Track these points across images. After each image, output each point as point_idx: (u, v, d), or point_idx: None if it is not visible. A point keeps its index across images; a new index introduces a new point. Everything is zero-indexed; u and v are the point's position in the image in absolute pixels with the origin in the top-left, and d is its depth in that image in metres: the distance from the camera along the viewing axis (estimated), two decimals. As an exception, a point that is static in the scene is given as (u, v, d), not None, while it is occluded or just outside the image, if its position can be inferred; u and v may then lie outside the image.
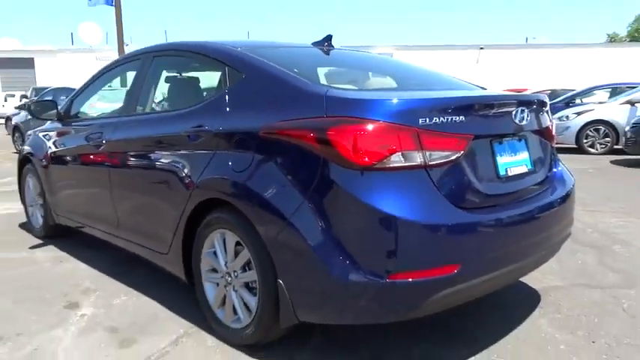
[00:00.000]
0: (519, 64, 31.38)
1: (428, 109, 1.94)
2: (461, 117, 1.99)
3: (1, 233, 4.42)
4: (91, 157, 3.28)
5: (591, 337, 2.39)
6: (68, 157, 3.61)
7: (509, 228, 2.10)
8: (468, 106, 2.07)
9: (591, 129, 10.12)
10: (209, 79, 2.95)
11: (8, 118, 17.67)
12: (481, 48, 32.63)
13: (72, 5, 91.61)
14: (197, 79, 2.95)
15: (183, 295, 2.88)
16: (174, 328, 2.54)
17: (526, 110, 2.28)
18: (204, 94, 2.76)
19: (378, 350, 2.30)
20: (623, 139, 8.79)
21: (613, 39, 45.29)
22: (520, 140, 2.32)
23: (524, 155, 2.32)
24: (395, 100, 1.95)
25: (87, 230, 3.64)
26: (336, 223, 1.89)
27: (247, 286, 2.28)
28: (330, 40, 2.99)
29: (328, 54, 2.98)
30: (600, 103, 11.07)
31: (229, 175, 2.23)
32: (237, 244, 2.28)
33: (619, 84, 12.79)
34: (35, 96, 19.09)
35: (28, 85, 27.87)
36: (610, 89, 12.62)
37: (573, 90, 13.99)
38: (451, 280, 1.89)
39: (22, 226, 4.64)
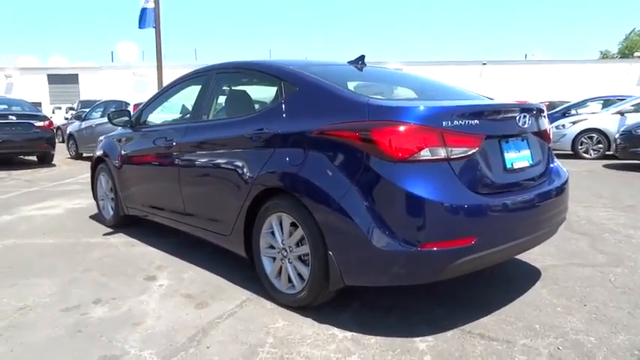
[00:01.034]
0: (519, 79, 31.45)
1: (449, 113, 2.25)
2: (475, 120, 2.30)
3: (77, 223, 4.80)
4: (162, 156, 3.63)
5: (583, 302, 2.66)
6: (140, 157, 3.97)
7: (514, 210, 2.39)
8: (481, 112, 2.39)
9: (585, 136, 10.30)
10: (261, 91, 3.29)
11: (58, 128, 18.33)
12: (484, 63, 32.74)
13: (112, 25, 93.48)
14: (255, 92, 3.28)
15: (239, 270, 3.20)
16: (237, 295, 2.86)
17: (527, 115, 2.57)
18: (263, 103, 3.09)
19: (407, 311, 2.59)
20: (614, 145, 8.97)
21: (605, 55, 45.02)
22: (523, 140, 2.61)
23: (526, 152, 2.61)
24: (422, 107, 2.26)
25: (153, 218, 3.99)
26: (377, 204, 2.20)
27: (300, 258, 2.59)
28: (363, 59, 3.31)
29: (361, 70, 3.29)
30: (593, 113, 11.22)
31: (287, 169, 2.55)
32: (292, 224, 2.60)
33: (610, 96, 12.95)
34: (81, 108, 19.73)
35: (73, 98, 28.68)
36: (602, 101, 12.76)
37: (569, 102, 14.14)
38: (468, 250, 2.19)
39: (92, 217, 5.01)
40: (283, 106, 2.73)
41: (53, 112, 27.90)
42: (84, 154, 11.57)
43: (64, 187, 7.23)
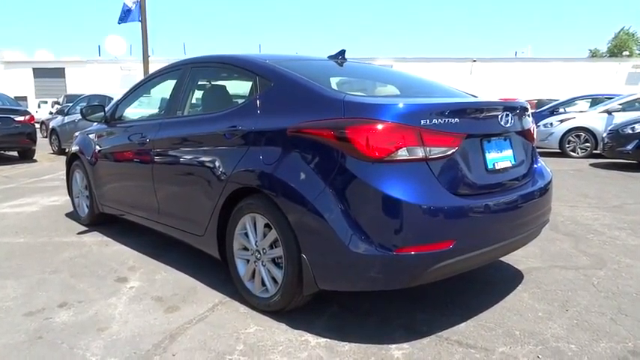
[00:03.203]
0: (509, 76, 31.54)
1: (428, 111, 2.16)
2: (455, 119, 2.21)
3: (52, 221, 4.65)
4: (136, 153, 3.50)
5: (565, 306, 2.59)
6: (114, 154, 3.84)
7: (495, 212, 2.31)
8: (461, 110, 2.29)
9: (573, 135, 10.30)
10: (237, 86, 3.18)
11: (42, 123, 18.02)
12: (474, 60, 32.78)
13: (99, 19, 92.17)
14: (231, 86, 3.16)
15: (214, 272, 3.10)
16: (210, 298, 2.75)
17: (510, 114, 2.49)
18: (237, 99, 2.97)
19: (386, 316, 2.51)
20: (601, 144, 8.96)
21: (594, 54, 45.34)
22: (505, 139, 2.53)
23: (508, 152, 2.53)
24: (400, 104, 2.17)
25: (128, 217, 3.86)
26: (352, 206, 2.10)
27: (274, 261, 2.49)
28: (344, 54, 3.21)
29: (342, 66, 3.19)
30: (581, 111, 11.22)
31: (260, 167, 2.45)
32: (266, 225, 2.49)
33: (598, 95, 12.96)
34: (67, 102, 19.41)
35: (59, 92, 28.26)
36: (590, 99, 12.77)
37: (557, 100, 14.16)
38: (447, 254, 2.10)
39: (69, 215, 4.87)
40: (258, 102, 2.62)
41: (39, 107, 27.50)
42: (66, 150, 11.33)
43: (43, 184, 7.06)
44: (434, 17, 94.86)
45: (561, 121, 10.52)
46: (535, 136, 2.84)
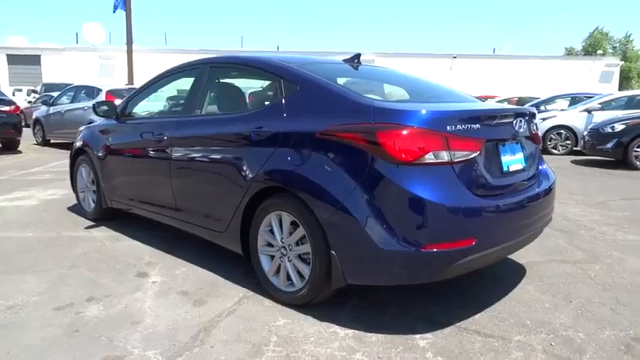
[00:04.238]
0: (488, 73, 32.05)
1: (453, 118, 2.31)
2: (477, 125, 2.37)
3: (55, 215, 4.66)
4: (151, 150, 3.56)
5: (568, 298, 2.80)
6: (126, 150, 3.89)
7: (510, 211, 2.49)
8: (482, 116, 2.46)
9: (554, 133, 10.67)
10: (256, 88, 3.27)
11: (21, 112, 17.56)
12: (454, 57, 33.22)
13: (77, 5, 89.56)
14: (253, 87, 3.25)
15: (232, 266, 3.20)
16: (233, 293, 2.86)
17: (522, 120, 2.66)
18: (261, 101, 3.06)
19: (403, 308, 2.66)
20: (582, 142, 9.33)
21: (570, 52, 46.47)
22: (517, 143, 2.70)
23: (520, 155, 2.70)
24: (428, 111, 2.31)
25: (138, 212, 3.92)
26: (382, 206, 2.24)
27: (300, 257, 2.62)
28: (359, 57, 3.33)
29: (357, 69, 3.31)
30: (562, 110, 11.62)
31: (289, 168, 2.56)
32: (292, 223, 2.61)
33: (577, 94, 13.42)
34: (45, 91, 18.99)
35: (35, 80, 27.52)
36: (570, 98, 13.21)
37: (538, 98, 14.57)
38: (469, 250, 2.27)
39: (71, 209, 4.88)
40: (283, 104, 2.73)
41: (13, 94, 26.68)
42: (51, 141, 11.18)
43: (35, 177, 6.99)
44: (415, 13, 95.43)
45: (543, 119, 10.86)
46: (540, 140, 3.03)
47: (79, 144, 4.52)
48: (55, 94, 14.18)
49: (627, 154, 8.21)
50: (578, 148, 9.77)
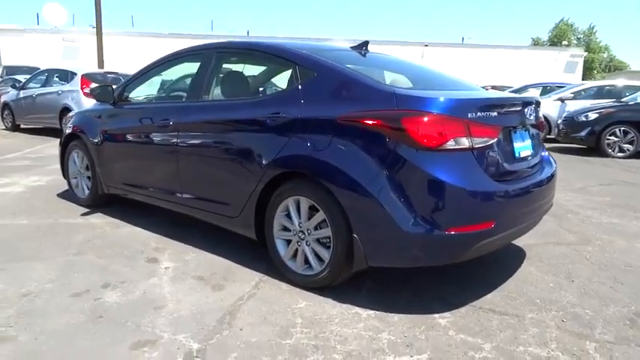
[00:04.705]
0: (458, 61, 32.54)
1: (474, 105, 2.40)
2: (494, 112, 2.47)
3: (46, 202, 4.55)
4: (155, 135, 3.52)
5: (570, 277, 2.96)
6: (126, 135, 3.82)
7: (522, 196, 2.61)
8: (499, 104, 2.57)
9: (528, 121, 10.99)
10: (265, 73, 3.27)
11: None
12: (425, 45, 33.56)
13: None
14: (264, 73, 3.25)
15: (240, 250, 3.23)
16: (248, 277, 2.89)
17: (530, 108, 2.78)
18: (274, 86, 3.08)
19: (416, 289, 2.76)
20: (556, 130, 9.68)
21: (537, 42, 47.68)
22: (526, 130, 2.82)
23: (528, 142, 2.83)
24: (449, 98, 2.39)
25: (137, 198, 3.89)
26: (406, 189, 2.32)
27: (318, 240, 2.67)
28: (367, 45, 3.37)
29: (365, 56, 3.36)
30: (535, 99, 11.96)
31: (309, 153, 2.59)
32: (311, 207, 2.66)
33: (549, 83, 13.87)
34: (7, 75, 18.16)
35: (-8, 63, 26.25)
36: (541, 87, 13.63)
37: (511, 87, 14.96)
38: (488, 233, 2.38)
39: (61, 196, 4.78)
40: (300, 90, 2.75)
41: (-30, 77, 25.46)
42: (22, 126, 10.77)
43: (13, 163, 6.76)
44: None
45: (518, 107, 11.16)
46: (544, 126, 3.16)
47: (70, 130, 4.41)
48: (21, 77, 13.66)
49: (600, 141, 8.58)
50: (552, 136, 10.12)
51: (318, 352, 2.11)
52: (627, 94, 10.47)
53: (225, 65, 3.35)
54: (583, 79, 32.72)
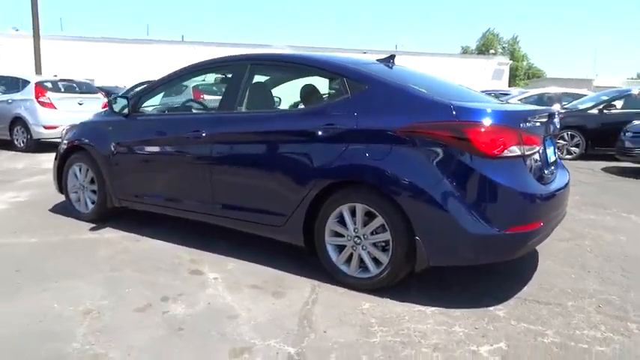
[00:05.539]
0: (397, 68, 33.80)
1: (524, 116, 2.71)
2: (538, 122, 2.79)
3: (43, 218, 4.36)
4: (184, 147, 3.53)
5: (585, 269, 3.35)
6: (148, 147, 3.78)
7: (556, 197, 2.94)
8: (541, 115, 2.90)
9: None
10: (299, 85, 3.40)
11: None
12: (364, 52, 34.55)
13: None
14: (310, 85, 3.36)
15: (279, 259, 3.32)
16: (302, 284, 2.99)
17: (554, 118, 3.15)
18: (320, 98, 3.21)
19: (459, 286, 3.01)
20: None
21: (466, 51, 50.61)
22: (551, 138, 3.18)
23: (552, 148, 3.19)
24: (503, 110, 2.68)
25: (156, 210, 3.86)
26: (467, 194, 2.56)
27: (375, 244, 2.85)
28: (394, 58, 3.60)
29: (392, 69, 3.58)
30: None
31: (367, 162, 2.77)
32: (367, 214, 2.83)
33: (494, 90, 14.91)
34: None
35: None
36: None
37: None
38: (537, 232, 2.68)
39: (55, 211, 4.59)
40: (352, 102, 2.92)
41: None
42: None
43: (-27, 177, 6.31)
44: (320, 6, 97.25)
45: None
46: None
47: (68, 143, 4.26)
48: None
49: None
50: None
51: (407, 347, 2.29)
52: (565, 101, 11.56)
53: (260, 77, 3.44)
54: (509, 86, 35.18)
